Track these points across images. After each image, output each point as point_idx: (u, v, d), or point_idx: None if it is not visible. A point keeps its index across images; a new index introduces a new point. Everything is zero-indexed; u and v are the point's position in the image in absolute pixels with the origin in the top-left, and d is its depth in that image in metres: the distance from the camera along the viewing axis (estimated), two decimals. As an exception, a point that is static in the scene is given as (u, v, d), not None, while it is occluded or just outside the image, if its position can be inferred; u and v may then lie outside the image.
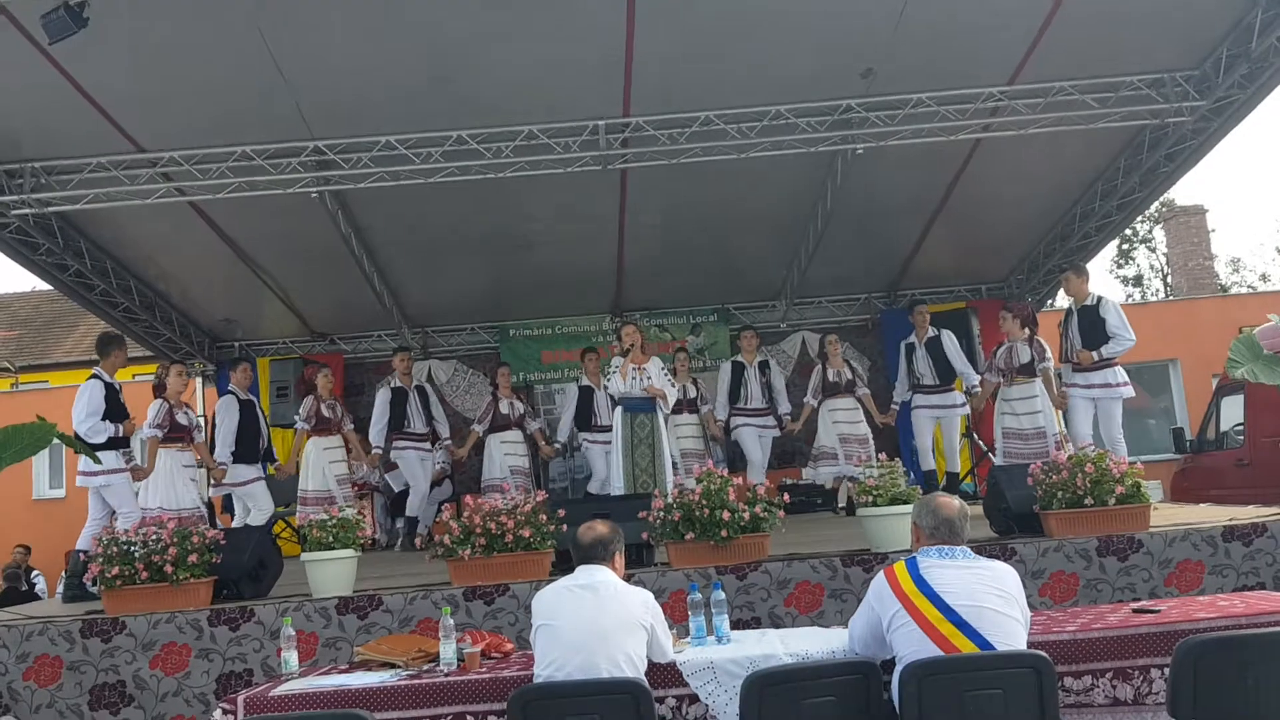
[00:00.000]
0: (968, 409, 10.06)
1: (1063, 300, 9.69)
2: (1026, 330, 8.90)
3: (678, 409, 10.14)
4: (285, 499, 10.47)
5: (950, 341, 9.90)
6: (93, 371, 8.10)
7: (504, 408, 10.15)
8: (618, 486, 8.74)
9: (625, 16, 7.22)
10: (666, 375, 9.03)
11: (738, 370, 10.43)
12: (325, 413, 9.77)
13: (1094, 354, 8.26)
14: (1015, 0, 7.49)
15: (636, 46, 7.58)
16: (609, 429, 9.25)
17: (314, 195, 8.80)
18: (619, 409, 8.88)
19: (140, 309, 11.07)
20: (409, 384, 10.25)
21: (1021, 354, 8.82)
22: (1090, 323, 8.37)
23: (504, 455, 10.07)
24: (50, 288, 11.14)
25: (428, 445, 10.31)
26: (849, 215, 10.24)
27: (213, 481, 9.30)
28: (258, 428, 9.35)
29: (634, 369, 8.74)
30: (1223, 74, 8.24)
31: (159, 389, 8.43)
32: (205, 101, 7.91)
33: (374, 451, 10.18)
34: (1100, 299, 8.51)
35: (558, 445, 10.74)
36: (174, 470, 8.27)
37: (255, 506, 9.22)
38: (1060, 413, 8.76)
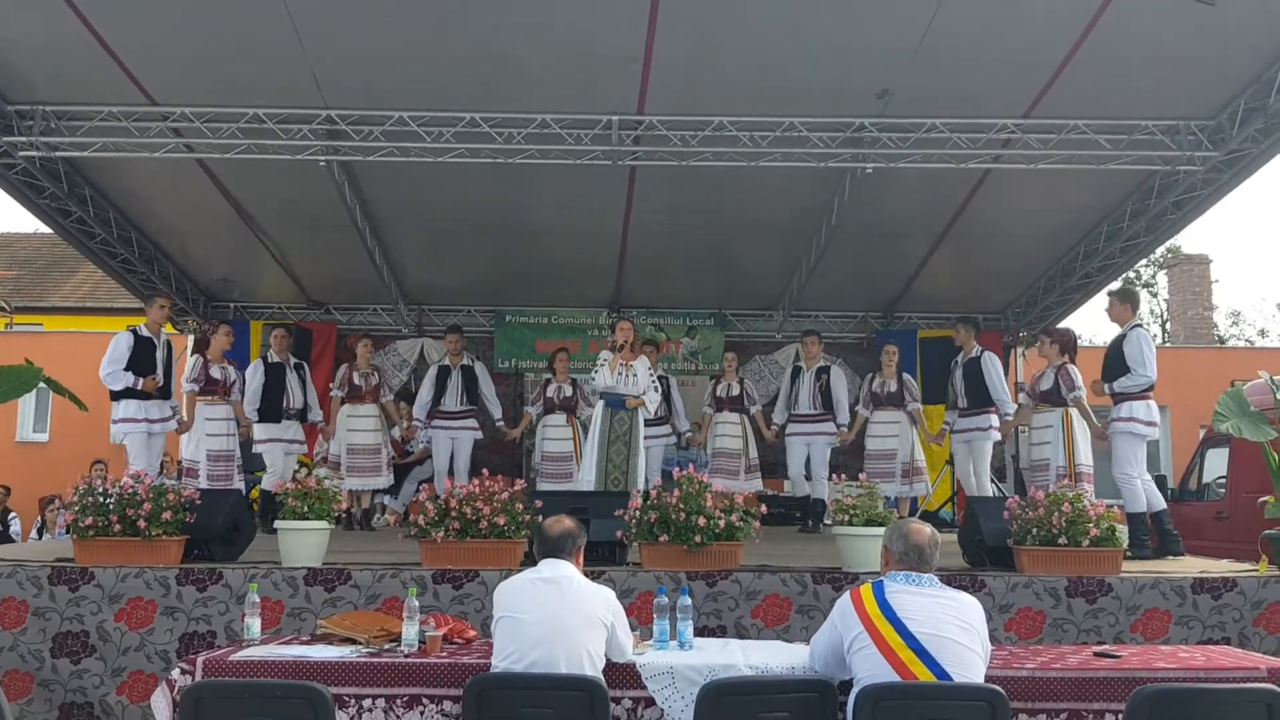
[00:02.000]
0: (996, 434, 9.73)
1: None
2: (1063, 357, 8.43)
3: (720, 407, 10.36)
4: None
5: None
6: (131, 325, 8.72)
7: (550, 390, 10.07)
8: (588, 481, 8.73)
9: (648, 15, 7.21)
10: (652, 376, 9.02)
11: (795, 375, 10.44)
12: (357, 380, 9.99)
13: (1104, 387, 7.88)
14: (1037, 35, 7.48)
15: (657, 46, 7.57)
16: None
17: (322, 164, 8.79)
18: (600, 403, 8.89)
19: (139, 261, 11.05)
20: (456, 364, 10.33)
21: (1045, 381, 8.48)
22: (1114, 353, 7.95)
23: (543, 440, 10.04)
24: (51, 232, 11.13)
25: (464, 424, 10.27)
26: (853, 233, 10.25)
27: (244, 435, 9.63)
28: (282, 390, 9.71)
29: (622, 365, 8.74)
30: (1238, 126, 8.24)
31: (202, 345, 9.16)
32: (221, 60, 7.89)
33: (414, 424, 10.53)
34: (1132, 329, 7.96)
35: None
36: (198, 422, 8.98)
37: (270, 465, 9.70)
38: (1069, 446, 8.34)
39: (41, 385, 6.95)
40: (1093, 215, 10.34)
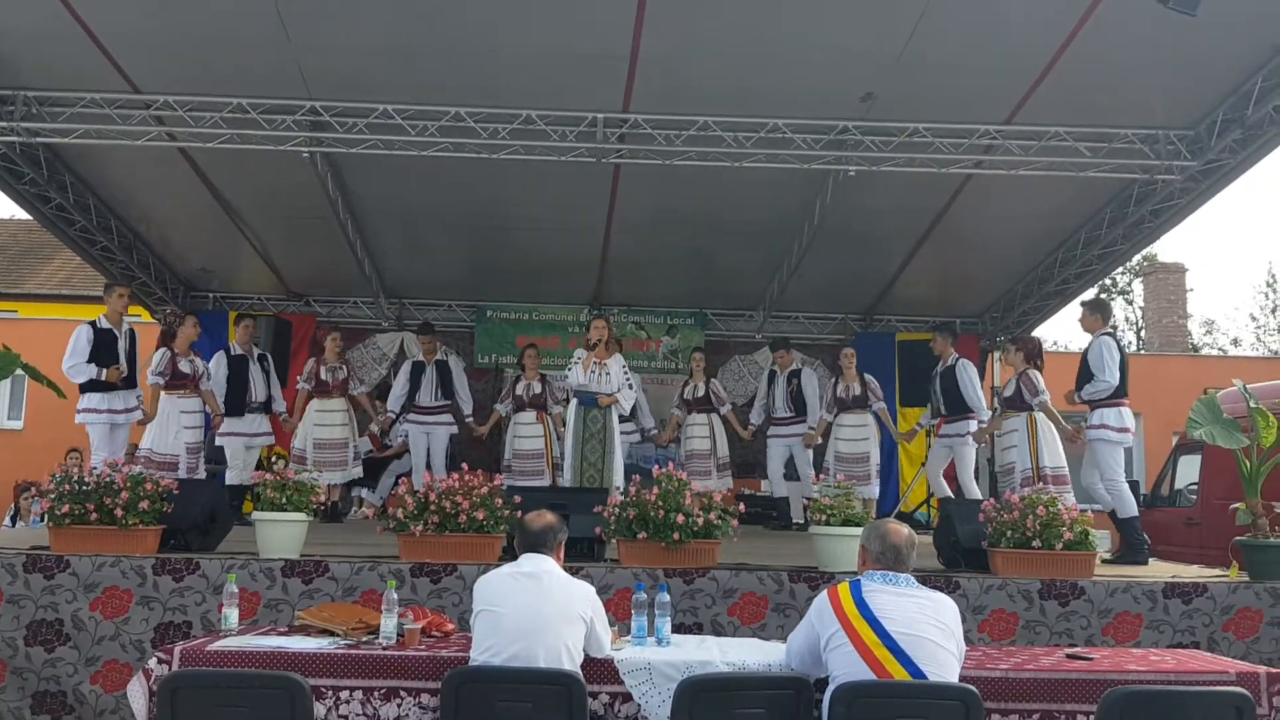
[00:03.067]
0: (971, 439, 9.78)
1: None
2: (1026, 364, 8.57)
3: (689, 408, 10.38)
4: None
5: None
6: (98, 316, 8.53)
7: (519, 389, 10.07)
8: (565, 479, 8.74)
9: (635, 14, 7.23)
10: (626, 375, 9.04)
11: (771, 379, 10.67)
12: (324, 375, 9.93)
13: (1075, 395, 8.06)
14: (1020, 42, 7.54)
15: (643, 45, 7.59)
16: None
17: (305, 155, 8.77)
18: (573, 401, 8.91)
19: (118, 249, 10.99)
20: (430, 360, 10.33)
21: (1008, 388, 8.69)
22: (1083, 362, 8.09)
23: (513, 438, 10.03)
24: (28, 217, 11.04)
25: (438, 419, 10.24)
26: (834, 235, 10.30)
27: (214, 429, 9.57)
28: (245, 383, 9.62)
29: (595, 363, 8.76)
30: (1216, 137, 8.34)
31: (168, 337, 8.87)
32: (205, 49, 7.85)
33: (387, 415, 10.52)
34: (1099, 337, 8.09)
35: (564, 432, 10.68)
36: (169, 416, 8.66)
37: (230, 459, 9.60)
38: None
39: (17, 372, 6.93)
40: (1071, 222, 10.43)
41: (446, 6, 7.34)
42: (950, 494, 9.60)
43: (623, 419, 9.82)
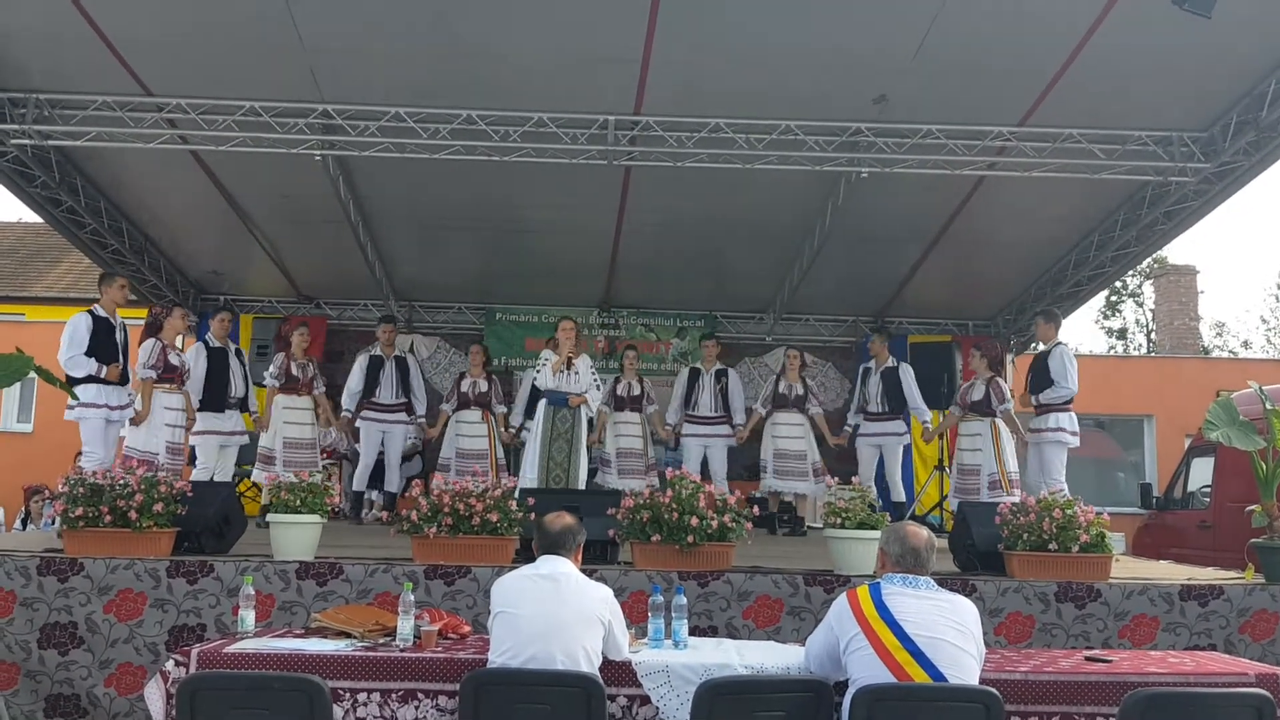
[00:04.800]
0: (908, 439, 10.26)
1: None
2: (991, 371, 9.33)
3: (620, 406, 10.19)
4: (249, 456, 10.33)
5: (907, 374, 10.11)
6: (89, 307, 8.06)
7: (465, 386, 10.11)
8: (530, 478, 8.65)
9: (647, 17, 7.23)
10: (594, 374, 9.00)
11: (694, 376, 10.39)
12: (295, 371, 9.63)
13: (1032, 399, 8.65)
14: (1034, 44, 7.53)
15: (655, 47, 7.59)
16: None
17: (318, 158, 8.77)
18: (542, 401, 8.89)
19: (129, 252, 11.00)
20: (389, 354, 10.16)
21: (975, 392, 9.23)
22: (1040, 368, 8.77)
23: (455, 435, 10.01)
24: (36, 220, 11.05)
25: (396, 417, 10.12)
26: (846, 237, 10.29)
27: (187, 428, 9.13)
28: (225, 378, 9.24)
29: (563, 364, 8.73)
30: (1230, 139, 8.33)
31: (154, 329, 8.42)
32: (218, 52, 7.87)
33: (343, 415, 10.07)
34: (1056, 346, 8.84)
35: (513, 430, 10.67)
36: (155, 411, 8.29)
37: (201, 458, 9.10)
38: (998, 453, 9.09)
39: (31, 374, 6.91)
40: (1085, 224, 10.41)
41: (458, 10, 7.34)
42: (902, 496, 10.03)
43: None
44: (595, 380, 9.04)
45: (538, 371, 8.91)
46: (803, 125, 8.57)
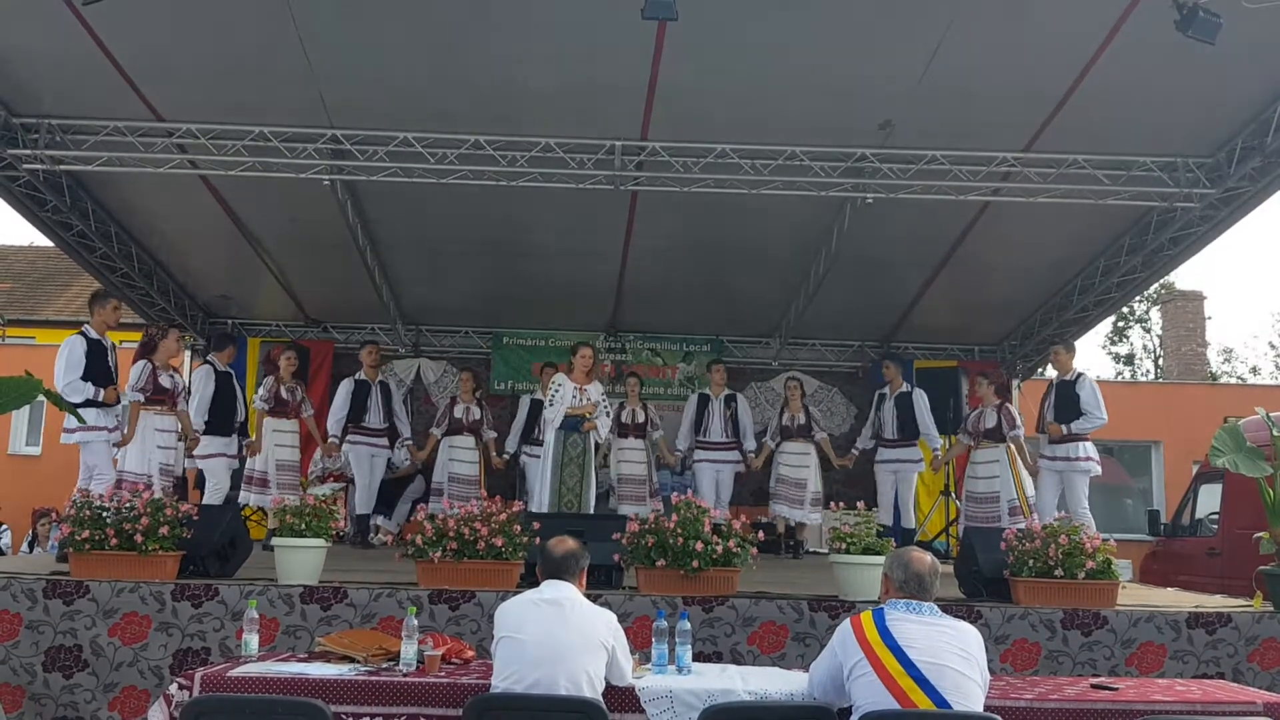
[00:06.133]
0: (923, 466, 10.37)
1: (1051, 371, 9.83)
2: (999, 398, 9.37)
3: (624, 433, 10.20)
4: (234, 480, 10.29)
5: (920, 400, 10.17)
6: (80, 328, 8.01)
7: (458, 411, 10.13)
8: (543, 503, 8.68)
9: (654, 43, 7.27)
10: (604, 402, 9.03)
11: (703, 402, 10.52)
12: (284, 395, 9.64)
13: (1063, 428, 8.61)
14: (1038, 70, 7.56)
15: (662, 73, 7.63)
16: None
17: (326, 183, 8.82)
18: (551, 427, 8.88)
19: (139, 276, 11.06)
20: (374, 378, 10.17)
21: (988, 420, 9.25)
22: (1066, 397, 8.71)
23: (449, 460, 10.07)
24: (47, 244, 11.10)
25: (383, 442, 10.17)
26: (851, 262, 10.29)
27: (188, 451, 9.21)
28: (232, 402, 9.29)
29: (575, 389, 8.77)
30: (1235, 165, 8.33)
31: (147, 349, 8.33)
32: (228, 78, 7.94)
33: (330, 440, 10.05)
34: (1080, 375, 8.89)
35: (506, 456, 10.74)
36: (144, 433, 8.13)
37: (213, 482, 9.14)
38: (1032, 481, 9.01)
39: (40, 398, 6.93)
40: (1090, 249, 10.41)
41: (466, 37, 7.40)
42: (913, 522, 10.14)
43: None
44: (606, 407, 9.06)
45: (551, 399, 8.89)
46: (808, 151, 8.60)
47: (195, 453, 9.12)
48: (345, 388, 10.09)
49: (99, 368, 7.80)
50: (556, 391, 8.80)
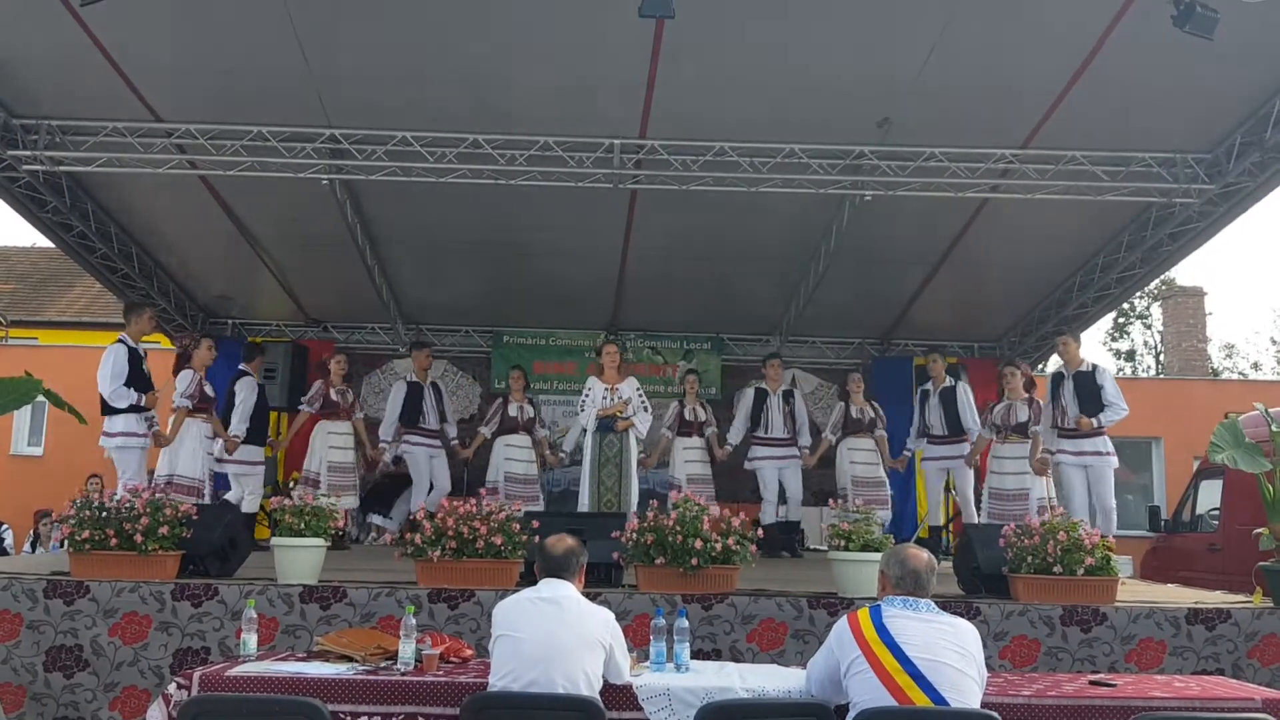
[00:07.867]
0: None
1: (1052, 364, 9.78)
2: (1028, 392, 9.02)
3: (686, 431, 10.15)
4: (268, 481, 10.43)
5: (965, 394, 9.94)
6: (119, 336, 8.19)
7: (512, 410, 10.14)
8: (583, 504, 8.72)
9: (652, 41, 7.28)
10: (640, 396, 9.01)
11: (760, 397, 10.14)
12: (334, 397, 9.78)
13: (1094, 420, 8.22)
14: (1036, 67, 7.56)
15: (660, 71, 7.64)
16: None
17: (324, 183, 8.82)
18: (589, 428, 8.95)
19: (139, 277, 11.07)
20: (425, 380, 10.23)
21: (1019, 413, 8.93)
22: (1087, 389, 8.34)
23: (504, 460, 10.04)
24: (49, 245, 11.13)
25: (438, 443, 10.23)
26: (851, 259, 10.31)
27: (222, 455, 9.29)
28: (267, 413, 9.60)
29: (605, 389, 8.76)
30: (1234, 160, 8.33)
31: (185, 359, 8.68)
32: (226, 78, 7.95)
33: (380, 445, 10.11)
34: (1095, 366, 8.55)
35: (563, 455, 10.72)
36: (197, 439, 8.55)
37: (249, 490, 9.38)
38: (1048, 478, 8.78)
39: (38, 399, 6.95)
40: (1089, 246, 10.41)
41: (464, 36, 7.41)
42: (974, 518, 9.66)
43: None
44: (644, 402, 9.04)
45: (583, 400, 8.92)
46: (807, 149, 8.61)
47: (235, 457, 9.25)
48: (398, 390, 10.16)
49: (138, 374, 8.07)
50: (587, 395, 8.82)
